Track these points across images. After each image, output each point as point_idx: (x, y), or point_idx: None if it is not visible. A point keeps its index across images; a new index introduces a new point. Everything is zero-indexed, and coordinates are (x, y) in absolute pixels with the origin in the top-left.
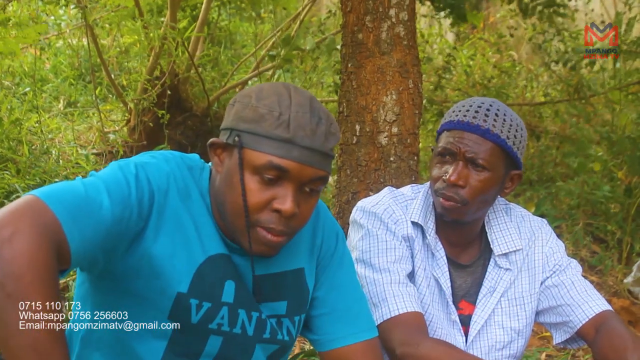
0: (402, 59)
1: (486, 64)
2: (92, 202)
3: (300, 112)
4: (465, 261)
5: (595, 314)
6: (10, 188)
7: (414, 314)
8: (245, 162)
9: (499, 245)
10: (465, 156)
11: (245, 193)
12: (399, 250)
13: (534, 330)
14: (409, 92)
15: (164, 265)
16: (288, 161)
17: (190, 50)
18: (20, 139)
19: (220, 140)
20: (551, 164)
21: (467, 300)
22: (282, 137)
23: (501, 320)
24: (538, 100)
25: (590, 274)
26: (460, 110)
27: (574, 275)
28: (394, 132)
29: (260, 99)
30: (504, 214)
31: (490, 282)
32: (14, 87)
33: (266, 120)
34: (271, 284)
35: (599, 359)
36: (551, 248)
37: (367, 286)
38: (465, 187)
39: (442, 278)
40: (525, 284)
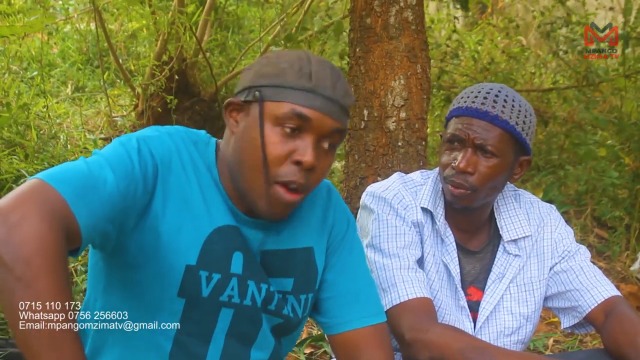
0: (411, 44)
1: (494, 49)
2: (96, 179)
3: (320, 68)
4: (474, 247)
5: (604, 299)
6: (18, 173)
7: (422, 300)
8: (266, 114)
9: (508, 231)
10: (474, 142)
11: (265, 145)
12: (408, 235)
13: (541, 316)
14: (417, 77)
15: (172, 238)
16: (310, 110)
17: (198, 35)
18: (28, 123)
19: (237, 99)
20: (558, 150)
21: (476, 286)
22: (305, 86)
23: (510, 306)
24: (546, 86)
25: (598, 259)
26: (468, 97)
27: (583, 261)
28: (402, 117)
29: (281, 57)
30: (513, 200)
31: (499, 268)
32: (22, 71)
33: (287, 73)
34: (279, 260)
35: (609, 343)
36: (560, 234)
37: (377, 271)
38: (474, 173)
39: (451, 264)
40: (534, 269)
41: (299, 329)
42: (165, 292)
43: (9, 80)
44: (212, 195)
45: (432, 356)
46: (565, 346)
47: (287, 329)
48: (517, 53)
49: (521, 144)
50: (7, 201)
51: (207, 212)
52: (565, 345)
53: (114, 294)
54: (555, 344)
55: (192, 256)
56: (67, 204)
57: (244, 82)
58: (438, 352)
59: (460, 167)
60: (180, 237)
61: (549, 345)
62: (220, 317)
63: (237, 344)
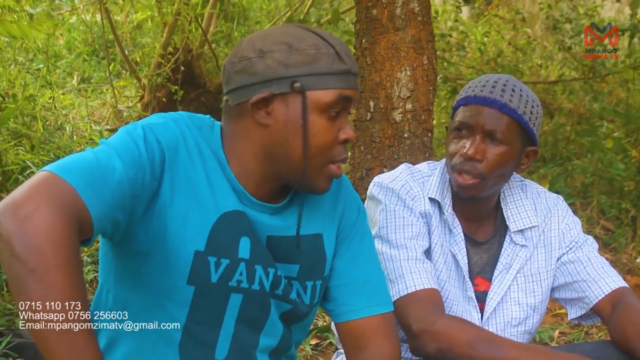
0: (417, 35)
1: (501, 41)
2: (105, 168)
3: (337, 42)
4: (481, 238)
5: (612, 290)
6: (24, 164)
7: (430, 291)
8: (312, 104)
9: (515, 221)
10: (484, 129)
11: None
12: (416, 226)
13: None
14: (424, 69)
15: (180, 225)
16: (351, 90)
17: (204, 26)
18: (34, 114)
19: (266, 93)
20: (564, 142)
21: (483, 276)
22: (342, 69)
23: (517, 297)
24: (552, 78)
25: (604, 251)
26: (476, 86)
27: (591, 252)
28: (408, 109)
29: (299, 42)
30: (520, 191)
31: (506, 258)
32: (28, 63)
33: (321, 59)
34: (285, 245)
35: (616, 335)
36: (567, 225)
37: (385, 262)
38: (483, 161)
39: (459, 254)
40: (541, 260)
41: (310, 317)
42: (174, 279)
43: (15, 72)
44: (218, 180)
45: (439, 347)
46: (571, 338)
47: (296, 316)
48: (523, 45)
49: (528, 133)
50: (17, 194)
51: (213, 198)
52: (571, 337)
53: (124, 285)
54: (561, 336)
55: (201, 242)
56: (77, 194)
57: (262, 73)
58: (446, 343)
59: (469, 153)
60: (188, 223)
61: (554, 337)
62: (230, 302)
63: (246, 329)
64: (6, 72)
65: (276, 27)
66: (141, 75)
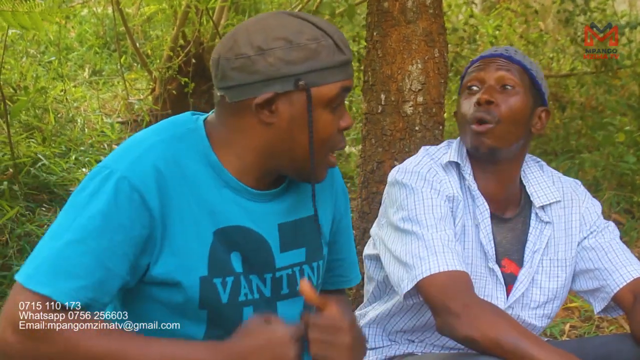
0: (428, 28)
1: (512, 34)
2: (107, 271)
3: (334, 31)
4: (505, 215)
5: (633, 278)
6: (36, 156)
7: (464, 274)
8: (316, 99)
9: (539, 197)
10: (495, 77)
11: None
12: (443, 208)
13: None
14: (435, 61)
15: (181, 257)
16: (349, 80)
17: (215, 19)
18: (46, 107)
19: (270, 94)
20: (576, 135)
21: (510, 258)
22: (342, 60)
23: (540, 280)
24: (564, 72)
25: None
26: (482, 54)
27: (612, 238)
28: (419, 102)
29: (299, 36)
30: (538, 169)
31: (534, 238)
32: (40, 55)
33: (321, 52)
34: (290, 231)
35: (636, 330)
36: (587, 208)
37: (417, 241)
38: (498, 105)
39: (481, 225)
40: (562, 244)
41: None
42: (187, 305)
43: (26, 64)
44: (208, 189)
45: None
46: (581, 331)
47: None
48: (535, 38)
49: (537, 89)
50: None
51: (207, 216)
52: (582, 330)
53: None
54: (571, 329)
55: (203, 267)
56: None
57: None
58: (477, 331)
59: (483, 98)
60: (188, 252)
61: (565, 331)
62: (244, 315)
63: None
64: (18, 65)
65: (270, 17)
66: (152, 68)
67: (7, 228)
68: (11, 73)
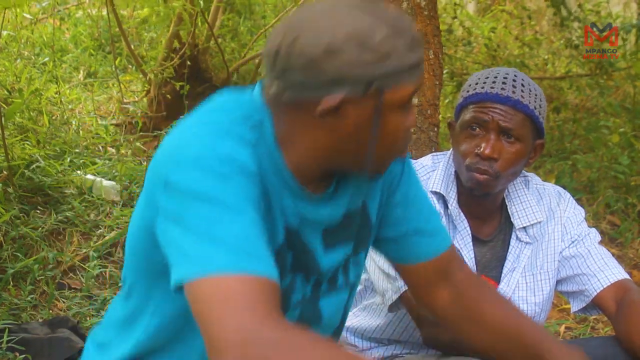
0: (423, 29)
1: (508, 36)
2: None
3: (407, 25)
4: (485, 236)
5: (611, 283)
6: (31, 158)
7: None
8: (388, 104)
9: (520, 218)
10: (499, 127)
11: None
12: None
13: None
14: (430, 63)
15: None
16: (420, 80)
17: (210, 21)
18: (40, 109)
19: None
20: (570, 137)
21: (488, 275)
22: (414, 61)
23: (525, 296)
24: (559, 74)
25: (610, 246)
26: (485, 82)
27: (592, 244)
28: (414, 103)
29: (371, 36)
30: (524, 186)
31: (513, 256)
32: (34, 57)
33: (394, 55)
34: (340, 228)
35: (621, 334)
36: (569, 218)
37: None
38: (499, 159)
39: (464, 250)
40: (545, 256)
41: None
42: None
43: (20, 66)
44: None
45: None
46: (577, 333)
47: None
48: (530, 40)
49: (538, 128)
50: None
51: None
52: (577, 332)
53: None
54: (567, 331)
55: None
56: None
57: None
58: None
59: (486, 153)
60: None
61: (560, 332)
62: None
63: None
64: (12, 67)
65: (338, 8)
66: (147, 70)
67: (2, 230)
68: (5, 75)
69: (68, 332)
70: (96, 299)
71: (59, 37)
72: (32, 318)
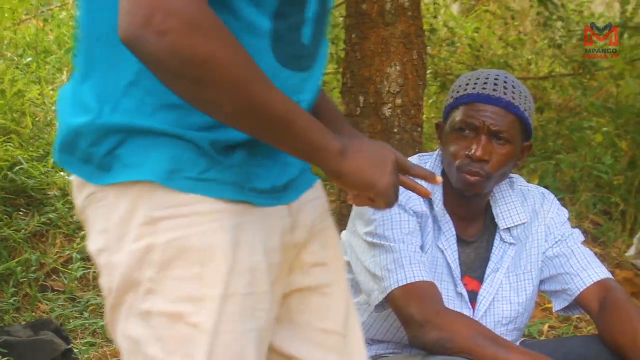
0: (407, 30)
1: (492, 37)
2: None
3: None
4: (469, 237)
5: (594, 282)
6: (14, 160)
7: (431, 284)
8: None
9: (504, 219)
10: (490, 129)
11: None
12: (412, 223)
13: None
14: (413, 64)
15: None
16: None
17: None
18: (23, 110)
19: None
20: (554, 137)
21: (471, 275)
22: None
23: (509, 296)
24: (543, 74)
25: (593, 245)
26: (476, 84)
27: (575, 244)
28: (397, 104)
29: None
30: (509, 188)
31: (497, 257)
32: (17, 58)
33: None
34: None
35: (605, 334)
36: (553, 219)
37: (385, 254)
38: (490, 161)
39: (449, 251)
40: (529, 256)
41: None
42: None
43: (3, 67)
44: None
45: (441, 337)
46: (560, 332)
47: None
48: (514, 41)
49: (527, 129)
50: None
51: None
52: (561, 331)
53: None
54: (550, 330)
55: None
56: None
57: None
58: (449, 334)
59: (477, 155)
60: None
61: (544, 332)
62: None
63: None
64: None
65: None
66: None
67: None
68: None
69: (51, 334)
70: (80, 301)
71: (43, 38)
72: (15, 321)
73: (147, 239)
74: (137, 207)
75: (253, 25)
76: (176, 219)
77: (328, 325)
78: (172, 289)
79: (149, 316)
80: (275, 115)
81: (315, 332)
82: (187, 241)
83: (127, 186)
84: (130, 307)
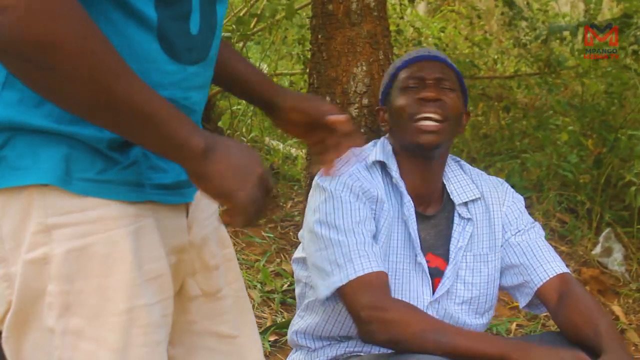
0: (373, 30)
1: (457, 36)
2: None
3: None
4: (429, 212)
5: (555, 274)
6: None
7: (379, 274)
8: None
9: (458, 195)
10: (435, 77)
11: None
12: (362, 211)
13: (504, 300)
14: (380, 64)
15: None
16: None
17: None
18: None
19: None
20: (520, 136)
21: (435, 253)
22: None
23: (464, 275)
24: (509, 73)
25: (560, 244)
26: (412, 54)
27: (537, 237)
28: (364, 104)
29: None
30: (459, 168)
31: (457, 233)
32: None
33: None
34: None
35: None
36: (509, 207)
37: (332, 247)
38: (442, 100)
39: (409, 222)
40: (485, 240)
41: None
42: None
43: None
44: None
45: (390, 338)
46: (528, 330)
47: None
48: (480, 40)
49: (463, 94)
50: None
51: None
52: (528, 329)
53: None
54: (518, 328)
55: None
56: None
57: None
58: (397, 331)
59: (429, 95)
60: None
61: (512, 330)
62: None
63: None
64: None
65: None
66: None
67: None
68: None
69: None
70: None
71: None
72: None
73: (42, 249)
74: (28, 214)
75: (136, 14)
76: (73, 227)
77: (222, 329)
78: (74, 304)
79: (52, 334)
80: (132, 107)
81: (209, 337)
82: (87, 251)
83: (16, 191)
84: (33, 323)
